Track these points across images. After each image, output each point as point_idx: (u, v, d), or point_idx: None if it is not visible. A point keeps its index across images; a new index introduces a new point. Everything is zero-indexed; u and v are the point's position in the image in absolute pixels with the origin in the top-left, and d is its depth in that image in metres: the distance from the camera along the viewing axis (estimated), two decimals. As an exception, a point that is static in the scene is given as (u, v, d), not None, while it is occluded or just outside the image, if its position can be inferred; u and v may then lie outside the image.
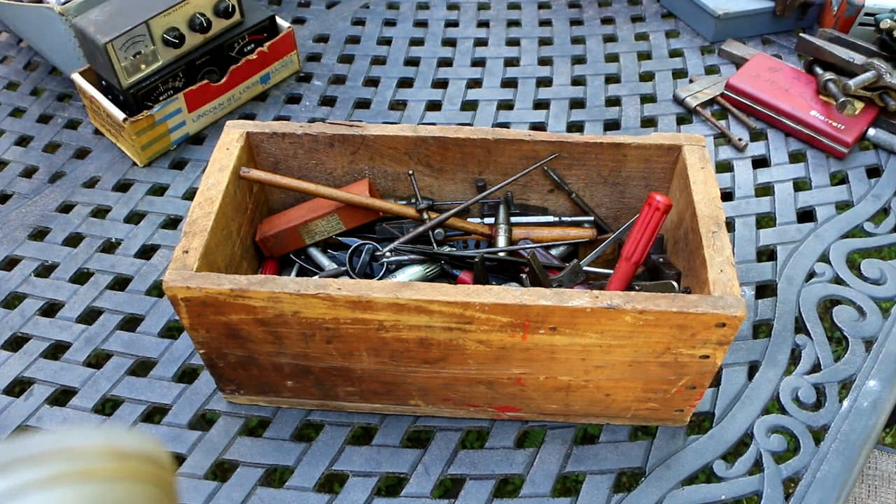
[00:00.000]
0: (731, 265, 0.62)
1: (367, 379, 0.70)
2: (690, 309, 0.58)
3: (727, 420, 0.74)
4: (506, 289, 0.60)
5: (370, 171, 0.78)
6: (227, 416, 0.75)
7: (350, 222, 0.78)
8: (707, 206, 0.66)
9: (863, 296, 0.83)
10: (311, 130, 0.75)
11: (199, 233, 0.65)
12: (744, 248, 0.89)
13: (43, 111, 1.10)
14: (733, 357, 0.79)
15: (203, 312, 0.63)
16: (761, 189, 0.96)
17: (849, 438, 0.72)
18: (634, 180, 0.77)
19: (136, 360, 0.80)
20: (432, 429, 0.74)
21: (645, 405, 0.70)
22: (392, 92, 1.10)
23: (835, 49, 1.02)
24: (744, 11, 1.14)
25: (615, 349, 0.63)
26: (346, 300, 0.60)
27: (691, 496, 0.69)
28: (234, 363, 0.69)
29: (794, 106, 1.01)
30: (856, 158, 0.99)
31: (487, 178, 0.78)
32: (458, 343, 0.64)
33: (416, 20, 1.23)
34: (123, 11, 0.92)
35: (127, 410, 0.76)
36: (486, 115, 1.06)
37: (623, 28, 1.20)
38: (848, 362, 0.78)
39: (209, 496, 0.69)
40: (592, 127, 1.05)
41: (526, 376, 0.67)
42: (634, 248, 0.69)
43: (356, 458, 0.72)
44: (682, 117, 1.06)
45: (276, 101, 1.09)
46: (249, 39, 1.04)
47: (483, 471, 0.71)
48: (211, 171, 0.70)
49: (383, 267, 0.76)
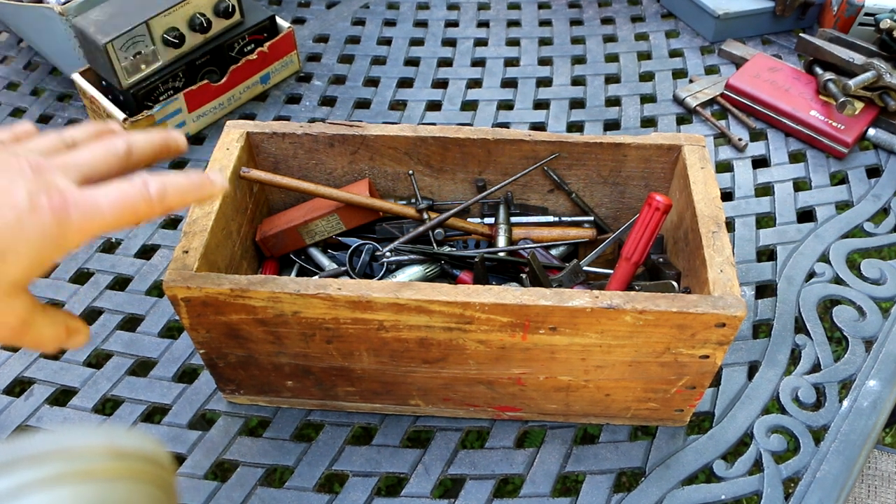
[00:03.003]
0: (731, 265, 0.62)
1: (367, 379, 0.70)
2: (690, 309, 0.58)
3: (727, 420, 0.74)
4: (506, 289, 0.60)
5: (370, 171, 0.78)
6: (227, 416, 0.75)
7: (350, 222, 0.78)
8: (707, 206, 0.66)
9: (863, 296, 0.83)
10: (311, 130, 0.75)
11: (199, 233, 0.65)
12: (744, 248, 0.89)
13: (43, 111, 1.10)
14: (733, 357, 0.79)
15: (203, 312, 0.63)
16: (761, 189, 0.96)
17: (849, 438, 0.72)
18: (634, 180, 0.77)
19: (136, 360, 0.80)
20: (432, 429, 0.74)
21: (645, 405, 0.70)
22: (392, 92, 1.10)
23: (835, 49, 1.02)
24: (744, 11, 1.14)
25: (615, 349, 0.63)
26: (346, 300, 0.60)
27: (691, 496, 0.69)
28: (234, 363, 0.69)
29: (794, 106, 1.01)
30: (856, 158, 0.99)
31: (487, 178, 0.78)
32: (458, 343, 0.64)
33: (416, 20, 1.23)
34: (123, 11, 0.92)
35: (127, 410, 0.76)
36: (486, 115, 1.06)
37: (623, 28, 1.21)
38: (848, 362, 0.78)
39: (209, 496, 0.69)
40: (592, 127, 1.05)
41: (526, 376, 0.67)
42: (634, 248, 0.69)
43: (356, 458, 0.72)
44: (682, 117, 1.06)
45: (276, 101, 1.09)
46: (249, 39, 1.04)
47: (483, 471, 0.71)
48: (211, 172, 0.70)
49: (383, 267, 0.76)
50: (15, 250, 0.38)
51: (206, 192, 0.46)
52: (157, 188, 0.42)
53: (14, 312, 0.41)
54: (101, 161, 0.45)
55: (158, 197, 0.43)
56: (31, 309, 0.42)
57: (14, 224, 0.38)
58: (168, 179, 0.43)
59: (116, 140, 0.46)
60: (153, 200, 0.42)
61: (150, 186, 0.42)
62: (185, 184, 0.45)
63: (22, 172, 0.39)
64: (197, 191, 0.46)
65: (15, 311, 0.41)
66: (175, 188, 0.44)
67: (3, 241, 0.38)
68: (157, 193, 0.42)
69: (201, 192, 0.46)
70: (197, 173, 0.46)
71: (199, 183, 0.46)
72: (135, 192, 0.42)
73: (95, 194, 0.41)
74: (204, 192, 0.46)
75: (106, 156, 0.45)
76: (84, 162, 0.44)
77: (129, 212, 0.41)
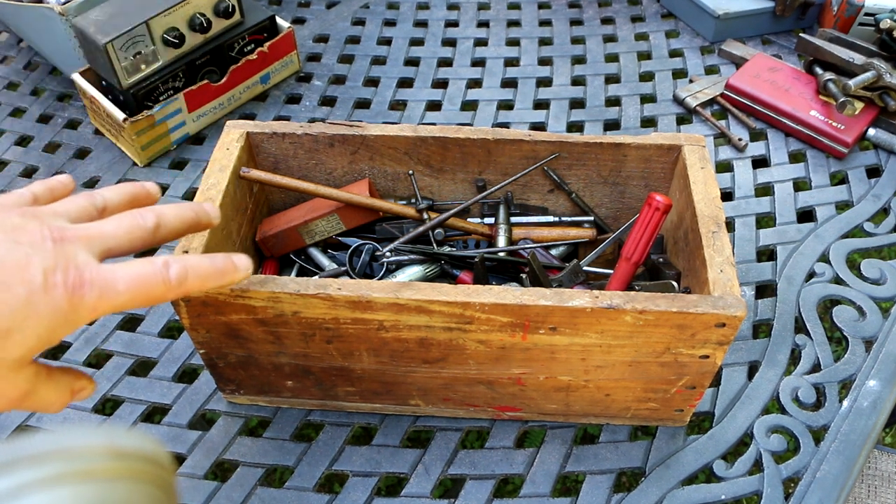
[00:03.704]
0: (731, 265, 0.62)
1: (367, 379, 0.70)
2: (690, 309, 0.58)
3: (727, 420, 0.74)
4: (506, 289, 0.60)
5: (370, 171, 0.78)
6: (227, 415, 0.75)
7: (350, 222, 0.78)
8: (707, 206, 0.66)
9: (863, 296, 0.83)
10: (311, 130, 0.75)
11: (198, 233, 0.65)
12: (744, 248, 0.89)
13: (43, 111, 1.10)
14: (733, 357, 0.79)
15: (203, 312, 0.63)
16: (761, 189, 0.96)
17: (849, 438, 0.72)
18: (634, 180, 0.77)
19: (136, 360, 0.80)
20: (432, 429, 0.74)
21: (645, 405, 0.70)
22: (392, 92, 1.10)
23: (835, 49, 1.02)
24: (744, 11, 1.14)
25: (615, 349, 0.63)
26: (346, 300, 0.60)
27: (691, 496, 0.69)
28: (234, 363, 0.69)
29: (794, 106, 1.01)
30: (856, 158, 0.99)
31: (487, 178, 0.78)
32: (458, 343, 0.64)
33: (416, 20, 1.23)
34: (123, 11, 0.92)
35: (127, 410, 0.76)
36: (486, 115, 1.06)
37: (623, 28, 1.21)
38: (848, 362, 0.78)
39: (209, 496, 0.69)
40: (592, 127, 1.05)
41: (526, 376, 0.67)
42: (634, 248, 0.69)
43: (356, 458, 0.72)
44: (682, 117, 1.06)
45: (276, 101, 1.09)
46: (249, 39, 1.04)
47: (483, 471, 0.71)
48: (211, 171, 0.70)
49: (383, 267, 0.76)
50: (21, 329, 0.37)
51: (227, 280, 0.45)
52: (177, 273, 0.41)
53: (16, 386, 0.40)
54: (126, 234, 0.43)
55: (178, 282, 0.42)
56: (33, 380, 0.41)
57: (24, 302, 0.37)
58: (190, 263, 0.42)
59: (146, 213, 0.45)
60: (172, 284, 0.41)
61: (170, 270, 0.41)
62: (207, 269, 0.43)
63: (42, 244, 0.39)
64: (219, 278, 0.44)
65: (17, 385, 0.40)
66: (196, 274, 0.43)
67: (10, 320, 0.37)
68: (176, 278, 0.41)
69: (223, 280, 0.45)
70: (222, 257, 0.44)
71: (222, 269, 0.44)
72: (154, 275, 0.41)
73: (114, 273, 0.40)
74: (226, 279, 0.45)
75: (133, 229, 0.44)
76: (109, 234, 0.43)
77: (145, 294, 0.40)
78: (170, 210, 0.47)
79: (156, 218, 0.45)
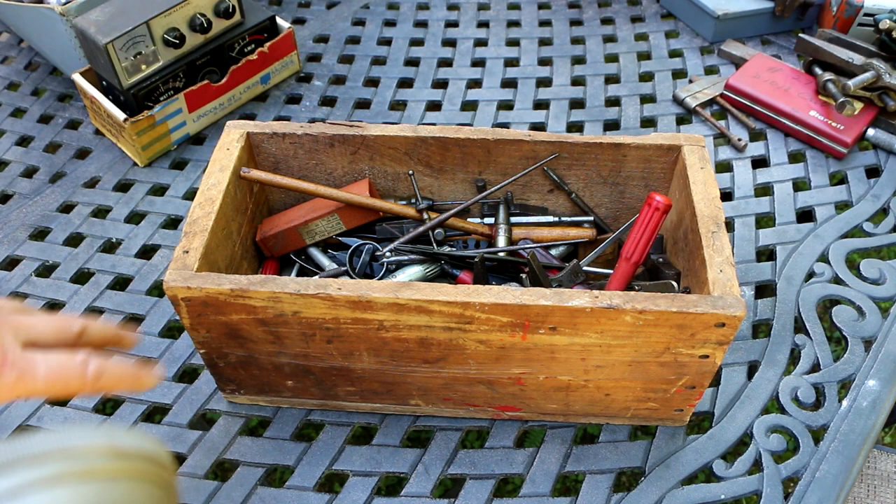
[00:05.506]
0: (730, 265, 0.62)
1: (368, 379, 0.70)
2: (690, 309, 0.58)
3: (727, 420, 0.74)
4: (506, 289, 0.60)
5: (370, 171, 0.78)
6: (228, 415, 0.75)
7: (350, 222, 0.78)
8: (707, 206, 0.66)
9: (862, 296, 0.83)
10: (312, 130, 0.75)
11: (199, 233, 0.65)
12: (743, 248, 0.89)
13: (44, 111, 1.10)
14: (733, 357, 0.79)
15: (203, 312, 0.63)
16: (761, 189, 0.96)
17: (848, 438, 0.72)
18: (634, 180, 0.77)
19: (136, 360, 0.80)
20: (432, 429, 0.74)
21: (645, 405, 0.70)
22: (392, 92, 1.10)
23: (834, 49, 1.02)
24: (743, 12, 1.14)
25: (615, 349, 0.63)
26: (346, 300, 0.60)
27: (691, 496, 0.69)
28: (234, 363, 0.69)
29: (794, 106, 1.01)
30: (855, 158, 0.99)
31: (487, 178, 0.78)
32: (458, 343, 0.64)
33: (416, 20, 1.23)
34: (124, 12, 0.92)
35: (127, 410, 0.76)
36: (486, 115, 1.06)
37: (623, 28, 1.21)
38: (847, 362, 0.78)
39: (209, 496, 0.70)
40: (592, 127, 1.05)
41: (526, 376, 0.67)
42: (634, 248, 0.69)
43: (356, 457, 0.72)
44: (681, 117, 1.07)
45: (276, 102, 1.09)
46: (250, 40, 1.04)
47: (483, 470, 0.71)
48: (211, 171, 0.70)
49: (383, 267, 0.76)
50: None
51: (139, 385, 0.48)
52: (94, 370, 0.44)
53: None
54: (51, 331, 0.46)
55: (93, 379, 0.44)
56: None
57: None
58: (108, 365, 0.45)
59: (73, 320, 0.49)
60: (87, 381, 0.44)
61: (88, 367, 0.44)
62: (122, 374, 0.46)
63: None
64: (132, 382, 0.47)
65: None
66: (111, 375, 0.45)
67: None
68: (93, 376, 0.44)
69: (135, 384, 0.47)
70: (137, 367, 0.47)
71: (135, 376, 0.47)
72: (72, 368, 0.43)
73: (35, 359, 0.42)
74: (138, 384, 0.48)
75: (59, 328, 0.47)
76: (36, 327, 0.45)
77: (62, 384, 0.43)
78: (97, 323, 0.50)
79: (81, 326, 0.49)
